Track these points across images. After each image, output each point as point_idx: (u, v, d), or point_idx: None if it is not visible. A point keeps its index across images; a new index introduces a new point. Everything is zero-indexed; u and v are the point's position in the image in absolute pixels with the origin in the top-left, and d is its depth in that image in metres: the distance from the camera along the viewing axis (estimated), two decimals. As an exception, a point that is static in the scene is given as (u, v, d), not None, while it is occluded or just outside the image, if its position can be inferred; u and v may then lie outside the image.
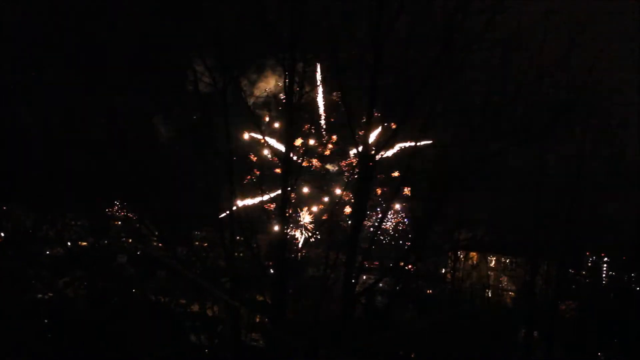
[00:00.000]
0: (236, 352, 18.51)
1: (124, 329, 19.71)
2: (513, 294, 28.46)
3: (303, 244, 21.52)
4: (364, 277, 20.41)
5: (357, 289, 18.28)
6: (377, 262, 23.15)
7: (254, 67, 19.71)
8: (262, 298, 19.36)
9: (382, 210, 18.85)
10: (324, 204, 19.21)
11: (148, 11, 18.63)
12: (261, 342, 20.04)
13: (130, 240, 23.53)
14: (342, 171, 19.09)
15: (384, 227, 20.26)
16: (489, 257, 27.81)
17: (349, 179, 18.67)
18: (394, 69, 17.90)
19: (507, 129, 18.55)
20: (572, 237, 23.69)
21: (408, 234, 20.78)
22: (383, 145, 17.55)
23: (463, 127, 18.95)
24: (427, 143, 18.40)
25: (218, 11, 17.91)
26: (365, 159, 17.29)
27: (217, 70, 17.67)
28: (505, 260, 27.74)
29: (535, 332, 23.90)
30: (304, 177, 18.96)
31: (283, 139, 17.91)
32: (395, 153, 18.24)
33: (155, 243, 21.58)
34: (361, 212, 17.58)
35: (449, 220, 21.23)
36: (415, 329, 21.55)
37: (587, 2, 18.96)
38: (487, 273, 28.38)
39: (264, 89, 20.79)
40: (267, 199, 19.83)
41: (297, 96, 17.68)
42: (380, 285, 20.13)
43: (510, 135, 18.64)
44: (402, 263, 19.63)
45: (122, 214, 22.20)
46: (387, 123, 17.85)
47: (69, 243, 23.95)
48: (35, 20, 19.79)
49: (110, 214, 21.87)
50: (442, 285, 24.80)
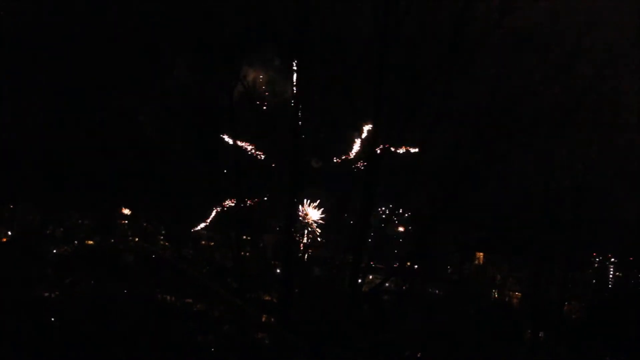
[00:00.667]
0: (242, 352, 18.53)
1: (129, 328, 19.73)
2: (519, 294, 28.38)
3: (309, 244, 21.50)
4: (370, 277, 20.40)
5: (363, 289, 18.30)
6: (384, 263, 23.13)
7: (261, 68, 19.71)
8: (268, 298, 19.38)
9: (388, 211, 18.82)
10: (330, 204, 19.16)
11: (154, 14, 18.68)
12: (267, 342, 20.01)
13: (137, 239, 23.55)
14: (349, 171, 19.05)
15: (391, 227, 20.15)
16: (495, 258, 27.77)
17: (356, 179, 18.65)
18: (401, 69, 17.92)
19: (513, 129, 18.55)
20: (578, 237, 23.65)
21: (414, 234, 20.72)
22: (390, 146, 17.55)
23: (470, 128, 18.93)
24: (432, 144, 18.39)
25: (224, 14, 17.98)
26: (371, 160, 17.30)
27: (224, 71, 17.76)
28: (511, 260, 27.66)
29: (541, 333, 23.88)
30: (311, 177, 18.89)
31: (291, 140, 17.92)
32: (401, 153, 18.21)
33: (162, 242, 21.62)
34: (367, 213, 17.59)
35: (455, 221, 21.23)
36: (422, 329, 21.54)
37: (595, 2, 18.92)
38: (493, 273, 28.33)
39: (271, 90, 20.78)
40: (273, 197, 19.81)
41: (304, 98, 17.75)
42: (387, 285, 20.15)
43: (517, 136, 18.64)
44: (409, 263, 19.65)
45: (128, 213, 22.23)
46: (394, 123, 17.82)
47: (76, 242, 24.01)
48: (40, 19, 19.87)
49: (117, 213, 21.90)
50: (448, 285, 24.74)
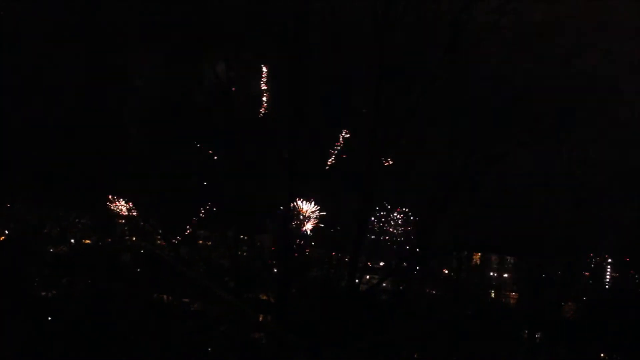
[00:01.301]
0: (240, 352, 18.51)
1: (127, 328, 19.70)
2: (516, 294, 28.39)
3: (307, 243, 21.46)
4: (368, 277, 20.40)
5: (361, 288, 18.29)
6: (382, 263, 23.12)
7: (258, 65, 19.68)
8: (265, 297, 19.37)
9: (386, 211, 18.83)
10: (328, 203, 19.14)
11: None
12: (264, 342, 19.99)
13: (134, 238, 23.51)
14: (347, 171, 19.03)
15: (388, 227, 20.15)
16: (492, 258, 27.80)
17: (354, 179, 18.62)
18: (399, 69, 17.90)
19: (512, 130, 18.57)
20: (576, 238, 23.66)
21: (412, 234, 20.73)
22: (388, 145, 17.54)
23: (468, 128, 18.93)
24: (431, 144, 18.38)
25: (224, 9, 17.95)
26: (370, 159, 17.29)
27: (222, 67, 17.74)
28: (509, 261, 27.70)
29: (538, 333, 23.89)
30: (308, 176, 18.86)
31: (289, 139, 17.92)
32: (400, 152, 18.20)
33: (159, 242, 21.58)
34: (365, 212, 17.58)
35: (453, 221, 21.22)
36: (419, 329, 21.52)
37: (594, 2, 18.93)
38: (491, 274, 28.35)
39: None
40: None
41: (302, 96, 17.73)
42: (384, 285, 20.14)
43: (516, 136, 18.66)
44: (406, 263, 19.63)
45: (126, 213, 22.17)
46: (393, 122, 17.82)
47: (73, 241, 23.98)
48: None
49: (114, 212, 21.82)
50: (445, 285, 24.74)
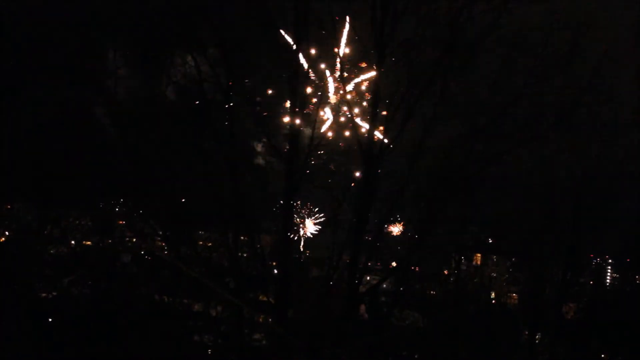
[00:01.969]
0: (239, 352, 18.54)
1: (127, 329, 19.73)
2: (516, 295, 28.41)
3: (307, 244, 21.54)
4: (368, 277, 20.41)
5: (360, 289, 18.29)
6: (381, 263, 23.14)
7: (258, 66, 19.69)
8: (265, 298, 19.37)
9: (386, 211, 18.80)
10: (327, 203, 19.16)
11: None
12: (265, 342, 20.01)
13: (135, 239, 23.53)
14: (347, 171, 19.06)
15: (388, 227, 20.13)
16: (492, 259, 27.82)
17: (354, 179, 18.66)
18: (398, 69, 17.93)
19: (511, 129, 18.57)
20: (576, 238, 23.65)
21: (412, 234, 20.71)
22: (387, 146, 17.56)
23: (467, 127, 18.93)
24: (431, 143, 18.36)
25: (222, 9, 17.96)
26: (368, 159, 17.30)
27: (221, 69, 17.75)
28: (508, 261, 27.73)
29: (538, 334, 23.89)
30: (307, 177, 18.88)
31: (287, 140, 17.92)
32: (399, 153, 18.20)
33: (159, 243, 21.59)
34: (365, 213, 17.59)
35: (452, 222, 21.25)
36: (419, 329, 21.58)
37: (592, 2, 18.93)
38: (491, 274, 28.38)
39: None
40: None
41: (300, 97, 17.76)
42: (384, 285, 20.16)
43: (515, 136, 18.66)
44: (406, 264, 19.64)
45: (126, 214, 22.19)
46: (392, 122, 17.84)
47: (73, 242, 24.00)
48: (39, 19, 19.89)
49: (115, 213, 21.86)
50: (445, 286, 24.76)
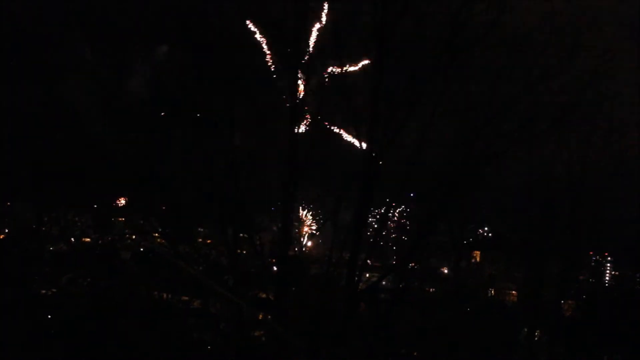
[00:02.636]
0: (239, 350, 18.52)
1: (126, 326, 19.72)
2: (515, 293, 28.43)
3: (306, 241, 21.51)
4: (367, 275, 20.40)
5: (360, 287, 18.27)
6: (381, 261, 23.14)
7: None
8: (265, 296, 19.37)
9: (385, 209, 18.79)
10: (327, 201, 19.16)
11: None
12: (264, 340, 20.01)
13: (134, 236, 23.54)
14: (347, 168, 19.04)
15: (388, 225, 20.13)
16: (491, 256, 27.83)
17: (354, 176, 18.64)
18: (398, 68, 17.92)
19: (510, 128, 18.57)
20: (575, 236, 23.67)
21: (411, 232, 20.74)
22: (387, 144, 17.54)
23: (467, 126, 18.93)
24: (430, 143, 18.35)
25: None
26: (368, 158, 17.29)
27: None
28: (508, 259, 27.73)
29: (537, 332, 23.90)
30: (307, 174, 18.87)
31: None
32: (399, 151, 18.20)
33: (159, 240, 21.59)
34: (365, 211, 17.58)
35: (452, 219, 21.28)
36: (418, 327, 21.57)
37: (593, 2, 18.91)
38: (490, 272, 28.40)
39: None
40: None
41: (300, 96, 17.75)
42: (384, 283, 20.15)
43: (514, 135, 18.67)
44: (405, 262, 19.65)
45: (125, 211, 22.20)
46: (391, 121, 17.82)
47: (72, 239, 24.02)
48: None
49: (114, 210, 21.86)
50: (444, 284, 24.78)
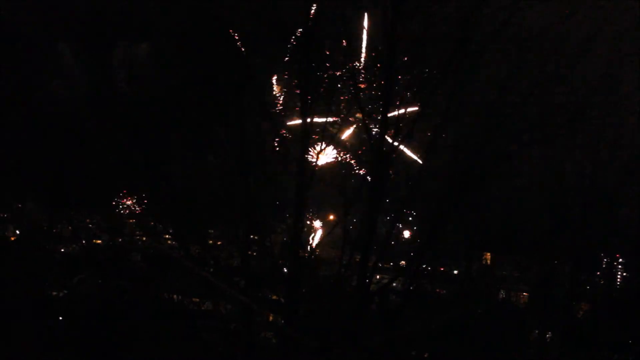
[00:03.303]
0: (249, 351, 18.53)
1: (137, 327, 19.76)
2: (527, 294, 28.32)
3: (317, 243, 21.50)
4: (378, 276, 20.40)
5: (371, 288, 18.27)
6: (391, 263, 23.16)
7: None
8: (275, 297, 19.39)
9: (396, 210, 18.80)
10: (338, 202, 19.15)
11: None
12: (274, 341, 20.03)
13: (145, 238, 23.59)
14: (357, 170, 19.06)
15: (398, 227, 20.12)
16: (502, 258, 27.73)
17: (364, 178, 18.66)
18: (409, 68, 17.93)
19: (522, 129, 18.57)
20: (586, 238, 23.59)
21: (422, 234, 20.73)
22: (398, 145, 17.54)
23: (478, 127, 18.93)
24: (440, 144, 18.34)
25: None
26: (379, 158, 17.28)
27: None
28: (519, 261, 27.61)
29: (548, 333, 23.83)
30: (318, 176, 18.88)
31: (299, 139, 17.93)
32: (410, 151, 18.23)
33: (170, 241, 21.63)
34: (375, 212, 17.57)
35: (463, 221, 21.22)
36: (429, 328, 21.51)
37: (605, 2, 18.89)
38: (501, 273, 28.30)
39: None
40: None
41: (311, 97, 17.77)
42: (394, 285, 20.14)
43: (525, 136, 18.66)
44: (416, 263, 19.62)
45: (136, 212, 22.23)
46: (402, 121, 17.83)
47: (84, 241, 24.08)
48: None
49: (125, 211, 21.90)
50: (455, 285, 24.73)
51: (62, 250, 23.84)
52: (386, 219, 19.31)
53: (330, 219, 21.71)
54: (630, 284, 27.44)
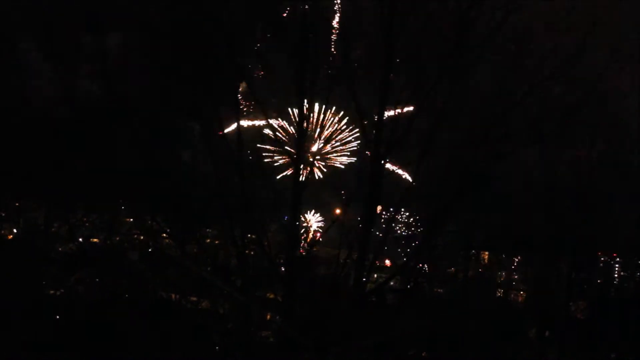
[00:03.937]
0: (247, 349, 18.49)
1: (135, 326, 19.74)
2: (524, 293, 28.33)
3: (314, 242, 21.46)
4: (375, 275, 20.39)
5: (368, 287, 18.22)
6: (389, 261, 23.15)
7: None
8: (273, 296, 19.34)
9: (393, 209, 18.75)
10: (335, 201, 19.14)
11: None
12: (272, 340, 20.00)
13: (142, 237, 23.57)
14: (354, 169, 19.04)
15: (395, 226, 20.09)
16: (500, 257, 27.72)
17: (361, 177, 18.61)
18: (406, 67, 17.87)
19: (518, 128, 18.53)
20: (583, 237, 23.57)
21: (419, 233, 20.71)
22: (394, 144, 17.49)
23: (474, 127, 18.89)
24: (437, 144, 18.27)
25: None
26: (376, 157, 17.24)
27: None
28: (516, 260, 27.63)
29: (547, 332, 23.81)
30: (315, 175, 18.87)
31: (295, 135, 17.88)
32: (406, 152, 18.16)
33: (167, 240, 21.60)
34: (372, 211, 17.51)
35: (460, 220, 21.20)
36: (426, 327, 21.49)
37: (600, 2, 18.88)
38: (499, 272, 28.31)
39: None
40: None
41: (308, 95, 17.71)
42: (392, 283, 20.10)
43: (522, 135, 18.62)
44: (413, 262, 19.57)
45: (133, 211, 22.21)
46: (399, 120, 17.79)
47: (80, 240, 24.06)
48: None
49: (122, 210, 21.88)
50: (453, 284, 24.69)
51: (59, 249, 23.79)
52: (383, 218, 19.27)
53: (327, 218, 21.67)
54: (627, 283, 27.45)
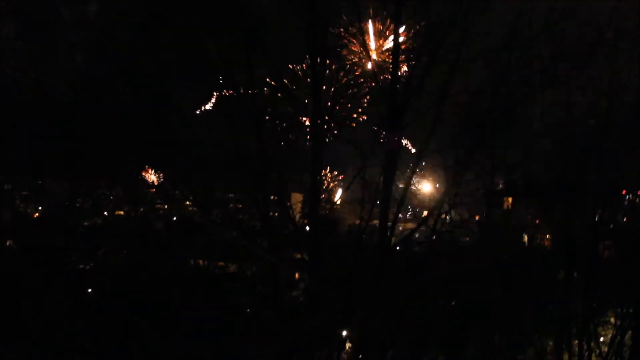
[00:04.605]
0: (276, 310, 18.70)
1: (164, 296, 19.98)
2: (550, 236, 28.25)
3: (337, 200, 21.55)
4: (401, 227, 20.46)
5: (392, 240, 18.31)
6: (412, 213, 23.19)
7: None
8: (299, 256, 19.52)
9: (414, 159, 18.77)
10: (356, 156, 19.17)
11: None
12: (301, 299, 20.21)
13: (166, 206, 23.76)
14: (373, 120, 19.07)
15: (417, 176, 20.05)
16: (523, 202, 27.61)
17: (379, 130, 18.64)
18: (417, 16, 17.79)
19: (533, 71, 18.50)
20: (606, 175, 23.43)
21: (441, 181, 20.72)
22: (411, 94, 17.46)
23: (490, 72, 18.83)
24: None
25: None
26: (393, 109, 17.22)
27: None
28: (540, 203, 27.48)
29: (575, 274, 23.78)
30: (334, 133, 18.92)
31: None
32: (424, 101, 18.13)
33: (190, 208, 21.75)
34: (392, 162, 17.55)
35: (481, 166, 21.20)
36: (452, 276, 21.60)
37: None
38: (523, 217, 28.25)
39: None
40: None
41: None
42: (417, 235, 20.17)
43: (537, 79, 18.58)
44: (437, 212, 19.61)
45: (156, 182, 22.32)
46: (414, 72, 17.76)
47: (105, 213, 24.29)
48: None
49: (144, 181, 21.97)
50: (477, 232, 24.67)
51: (85, 224, 24.02)
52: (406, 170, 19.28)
53: (348, 175, 21.71)
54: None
